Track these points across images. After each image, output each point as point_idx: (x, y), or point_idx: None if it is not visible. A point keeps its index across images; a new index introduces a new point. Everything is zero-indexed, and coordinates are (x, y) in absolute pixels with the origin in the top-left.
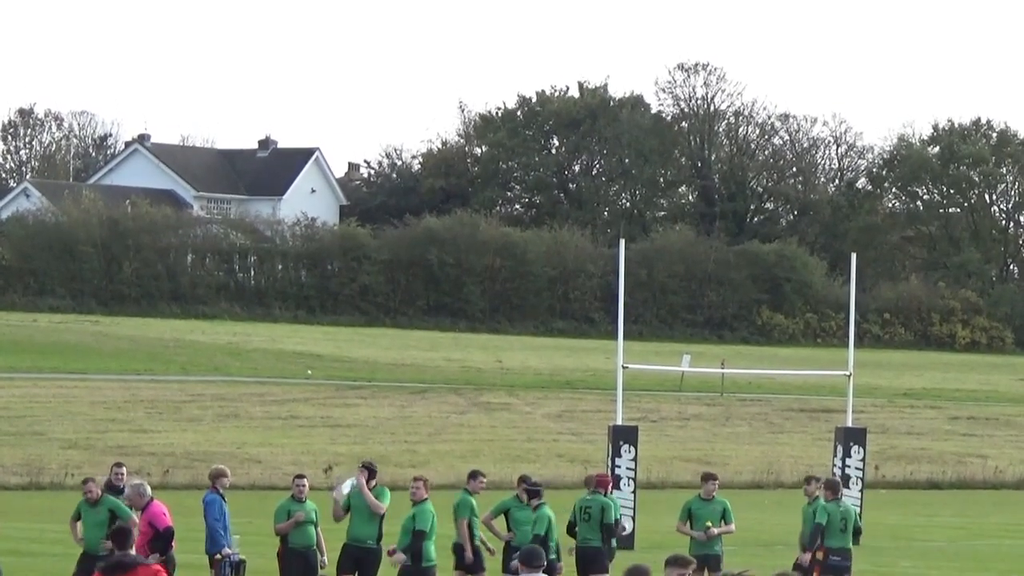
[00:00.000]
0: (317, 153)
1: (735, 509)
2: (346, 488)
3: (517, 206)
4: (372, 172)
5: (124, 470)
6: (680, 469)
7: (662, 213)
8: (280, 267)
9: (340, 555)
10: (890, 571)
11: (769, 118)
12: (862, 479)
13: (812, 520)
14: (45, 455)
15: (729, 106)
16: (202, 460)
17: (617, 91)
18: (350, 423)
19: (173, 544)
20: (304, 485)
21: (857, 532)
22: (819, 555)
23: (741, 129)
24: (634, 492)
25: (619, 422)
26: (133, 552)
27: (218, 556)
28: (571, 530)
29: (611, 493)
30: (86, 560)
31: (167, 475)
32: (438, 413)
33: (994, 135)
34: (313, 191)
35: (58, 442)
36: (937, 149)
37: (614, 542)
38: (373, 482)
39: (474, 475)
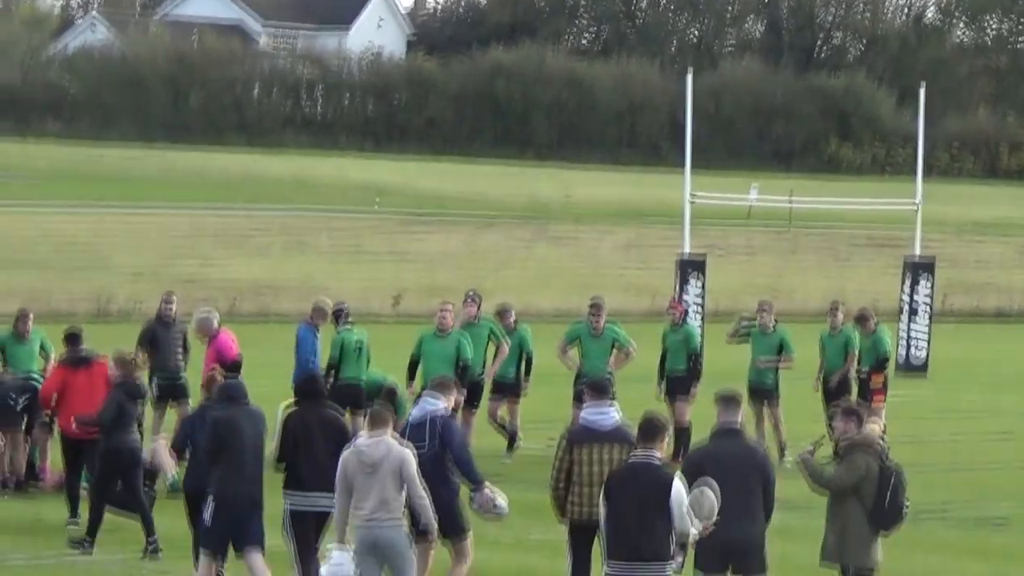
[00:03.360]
0: None
1: (802, 341)
2: None
3: (584, 38)
4: (439, 4)
5: (174, 299)
6: (748, 300)
7: (730, 46)
8: (347, 99)
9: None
10: (957, 402)
11: None
12: (930, 309)
13: (841, 349)
14: (112, 286)
15: None
16: (269, 291)
17: None
18: (417, 254)
19: (240, 373)
20: (448, 310)
21: (884, 360)
22: (875, 378)
23: None
24: (702, 322)
25: (687, 253)
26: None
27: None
28: (663, 361)
29: (685, 319)
30: None
31: (234, 305)
32: (505, 245)
33: None
34: (381, 23)
35: (125, 273)
36: None
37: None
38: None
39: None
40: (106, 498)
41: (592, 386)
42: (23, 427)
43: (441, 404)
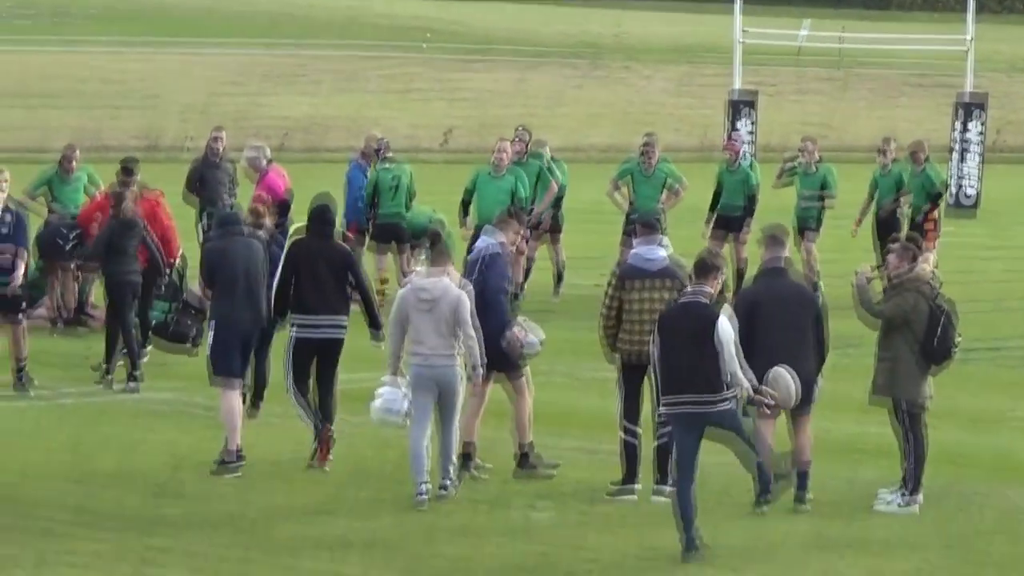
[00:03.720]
0: None
1: (851, 180)
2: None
3: None
4: None
5: (222, 136)
6: (798, 137)
7: None
8: None
9: None
10: (1008, 240)
11: None
12: (981, 148)
13: (892, 186)
14: (162, 123)
15: None
16: (319, 128)
17: None
18: (467, 92)
19: (290, 211)
20: (504, 148)
21: (937, 196)
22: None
23: None
24: (754, 158)
25: (737, 90)
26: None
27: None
28: (716, 199)
29: (742, 160)
30: None
31: (284, 142)
32: (556, 81)
33: None
34: None
35: (176, 109)
36: None
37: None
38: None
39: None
40: (117, 331)
41: (642, 223)
42: (72, 264)
43: (495, 240)
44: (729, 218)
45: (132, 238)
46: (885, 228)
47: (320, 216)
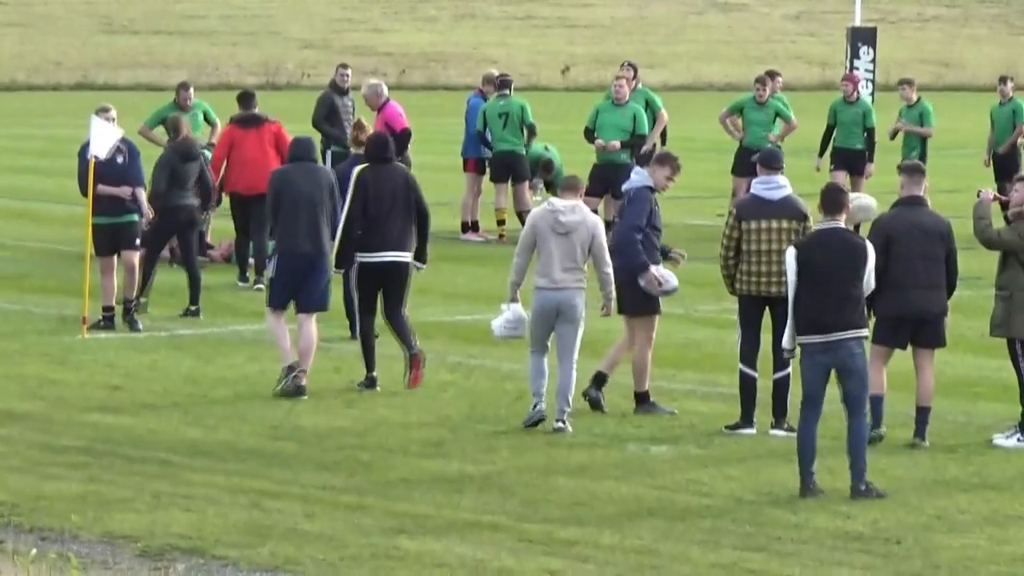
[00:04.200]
0: None
1: (972, 112)
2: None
3: None
4: None
5: (349, 71)
6: (919, 71)
7: None
8: None
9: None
10: None
11: None
12: None
13: (1009, 119)
14: (281, 55)
15: None
16: (438, 61)
17: None
18: (587, 23)
19: (409, 144)
20: (623, 81)
21: None
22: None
23: None
24: (872, 94)
25: (857, 23)
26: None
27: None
28: (829, 134)
29: (861, 93)
30: None
31: (403, 76)
32: (675, 13)
33: None
34: None
35: (294, 42)
36: None
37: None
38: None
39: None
40: (154, 258)
41: (763, 158)
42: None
43: (640, 177)
44: (848, 153)
45: (191, 166)
46: (1004, 163)
47: (379, 147)
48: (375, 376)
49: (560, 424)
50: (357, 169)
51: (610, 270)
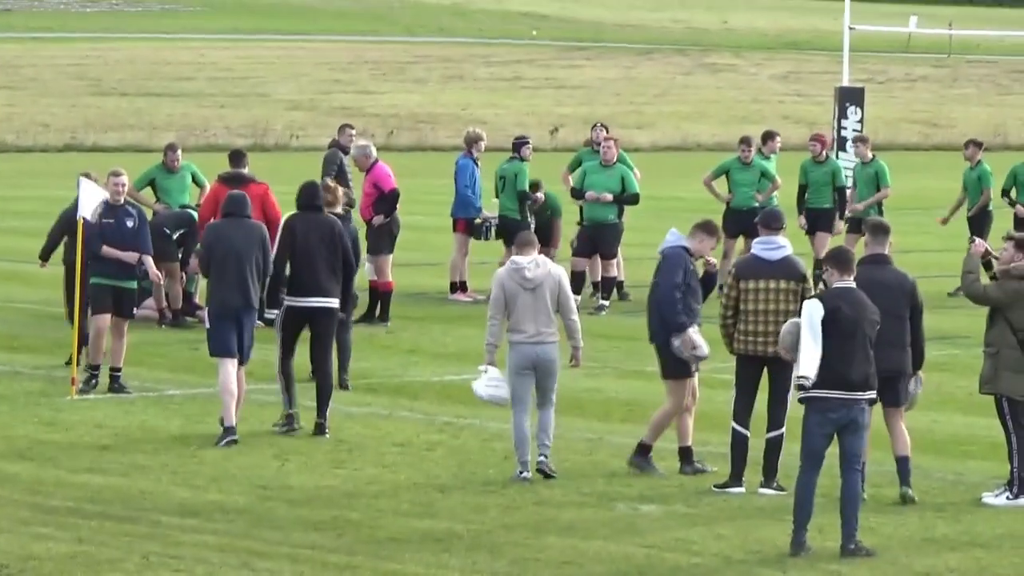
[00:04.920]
0: None
1: (958, 169)
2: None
3: None
4: None
5: (354, 131)
6: (906, 131)
7: None
8: None
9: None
10: None
11: None
12: None
13: (976, 183)
14: (270, 116)
15: None
16: (426, 121)
17: None
18: (575, 84)
19: (397, 205)
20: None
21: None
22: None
23: None
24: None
25: (845, 83)
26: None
27: (477, 220)
28: (802, 193)
29: (829, 153)
30: None
31: (391, 136)
32: (663, 74)
33: None
34: None
35: (282, 103)
36: None
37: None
38: None
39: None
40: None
41: (764, 218)
42: (179, 259)
43: (674, 238)
44: (818, 212)
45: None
46: (975, 223)
47: (308, 195)
48: (294, 413)
49: (542, 459)
50: (286, 216)
51: (576, 318)
